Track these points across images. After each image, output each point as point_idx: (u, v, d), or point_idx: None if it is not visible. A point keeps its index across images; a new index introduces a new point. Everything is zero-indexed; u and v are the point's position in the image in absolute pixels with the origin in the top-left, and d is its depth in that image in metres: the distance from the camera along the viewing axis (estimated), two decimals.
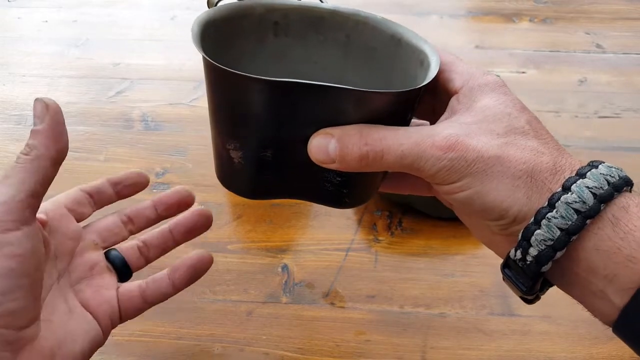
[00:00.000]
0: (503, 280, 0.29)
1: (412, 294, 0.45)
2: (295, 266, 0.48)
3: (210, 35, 0.31)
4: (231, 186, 0.33)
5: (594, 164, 0.26)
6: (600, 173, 0.25)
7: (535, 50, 0.76)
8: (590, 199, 0.25)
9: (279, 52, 0.35)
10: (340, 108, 0.28)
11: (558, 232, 0.25)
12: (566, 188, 0.25)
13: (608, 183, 0.25)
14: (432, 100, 0.31)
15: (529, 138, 0.27)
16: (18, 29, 0.81)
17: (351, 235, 0.50)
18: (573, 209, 0.25)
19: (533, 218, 0.26)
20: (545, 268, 0.26)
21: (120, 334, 0.41)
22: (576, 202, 0.25)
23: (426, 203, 0.50)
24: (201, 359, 0.41)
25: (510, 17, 0.84)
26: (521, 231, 0.26)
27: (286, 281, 0.46)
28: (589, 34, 0.80)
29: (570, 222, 0.25)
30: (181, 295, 0.37)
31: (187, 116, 0.64)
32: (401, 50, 0.33)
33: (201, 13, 0.31)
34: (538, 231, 0.25)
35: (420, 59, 0.31)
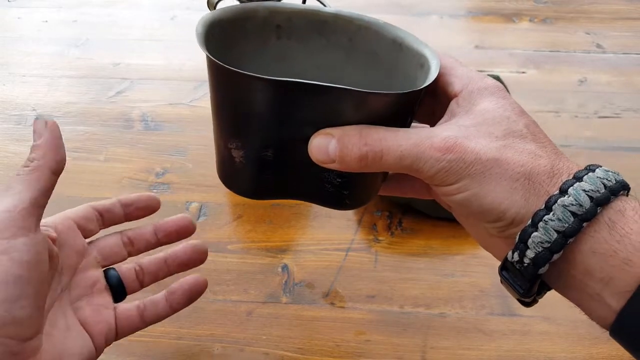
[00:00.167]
0: (501, 282, 0.29)
1: (412, 294, 0.46)
2: (295, 266, 0.48)
3: (214, 35, 0.31)
4: (232, 186, 0.34)
5: (591, 168, 0.26)
6: (597, 176, 0.26)
7: (535, 50, 0.76)
8: (586, 202, 0.25)
9: (282, 55, 0.35)
10: (341, 109, 0.28)
11: (555, 235, 0.25)
12: (563, 191, 0.25)
13: (605, 186, 0.25)
14: (432, 103, 0.32)
15: (527, 141, 0.27)
16: (18, 29, 0.81)
17: (351, 235, 0.50)
18: (570, 212, 0.25)
19: (530, 220, 0.26)
20: (542, 270, 0.26)
21: None
22: (573, 205, 0.25)
23: (426, 203, 0.50)
24: (201, 359, 0.41)
25: (510, 17, 0.84)
26: (518, 233, 0.26)
27: (286, 281, 0.47)
28: (589, 34, 0.80)
29: (567, 225, 0.25)
30: None
31: (187, 116, 0.64)
32: (402, 54, 0.33)
33: (205, 14, 0.32)
34: (535, 233, 0.25)
35: (420, 62, 0.32)
